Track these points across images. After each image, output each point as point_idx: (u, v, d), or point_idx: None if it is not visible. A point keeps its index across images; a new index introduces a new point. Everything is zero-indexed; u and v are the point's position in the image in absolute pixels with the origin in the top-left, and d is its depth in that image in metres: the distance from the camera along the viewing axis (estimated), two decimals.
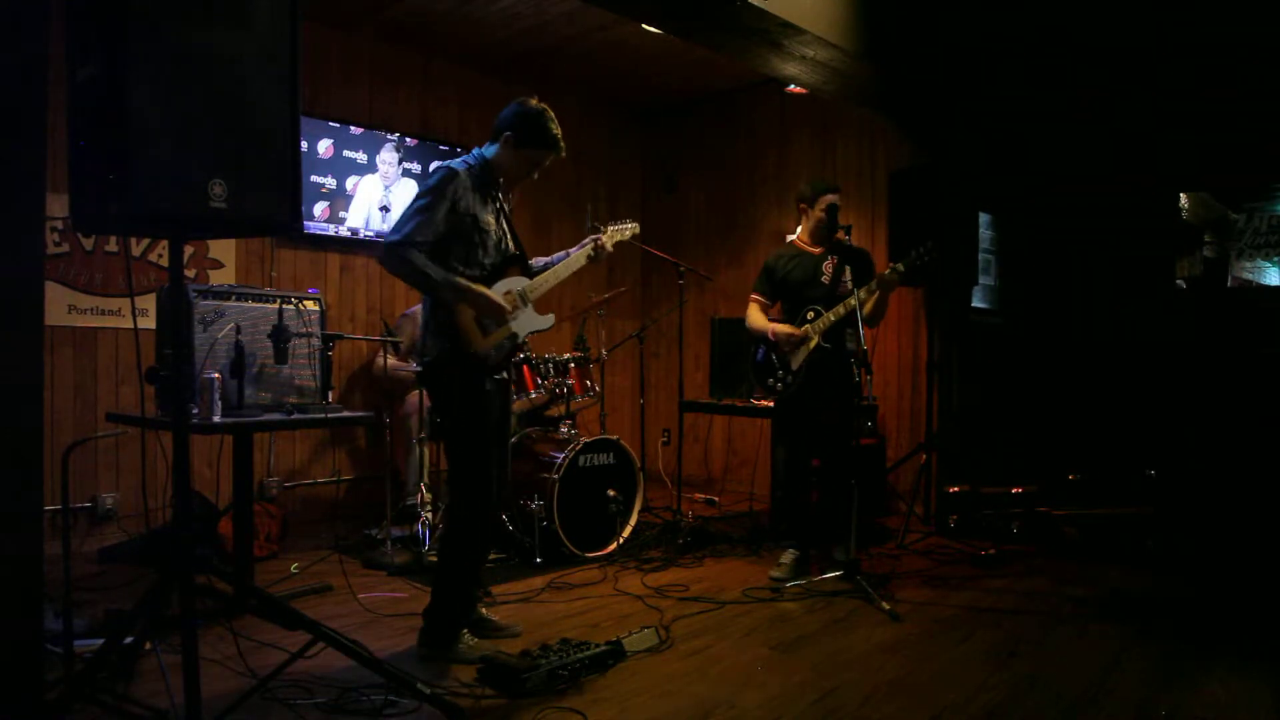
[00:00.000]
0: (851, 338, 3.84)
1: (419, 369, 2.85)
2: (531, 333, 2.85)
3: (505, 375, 2.87)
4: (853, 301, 3.63)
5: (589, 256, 3.06)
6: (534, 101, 2.80)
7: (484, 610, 3.03)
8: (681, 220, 6.72)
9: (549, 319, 2.90)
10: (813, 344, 3.79)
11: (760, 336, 3.95)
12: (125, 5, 1.73)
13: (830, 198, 3.88)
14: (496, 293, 2.73)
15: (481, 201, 2.74)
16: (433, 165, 5.33)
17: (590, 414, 5.65)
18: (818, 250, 3.93)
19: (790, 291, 3.95)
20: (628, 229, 3.27)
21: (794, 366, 3.83)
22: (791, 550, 3.87)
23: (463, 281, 2.65)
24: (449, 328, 2.67)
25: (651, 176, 6.96)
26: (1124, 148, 4.81)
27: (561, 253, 3.11)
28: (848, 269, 3.81)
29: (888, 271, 3.70)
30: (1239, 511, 4.26)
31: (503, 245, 2.83)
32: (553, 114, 2.79)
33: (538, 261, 3.04)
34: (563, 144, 2.81)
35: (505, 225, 2.86)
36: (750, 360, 4.06)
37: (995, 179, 5.08)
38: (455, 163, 2.74)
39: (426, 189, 2.66)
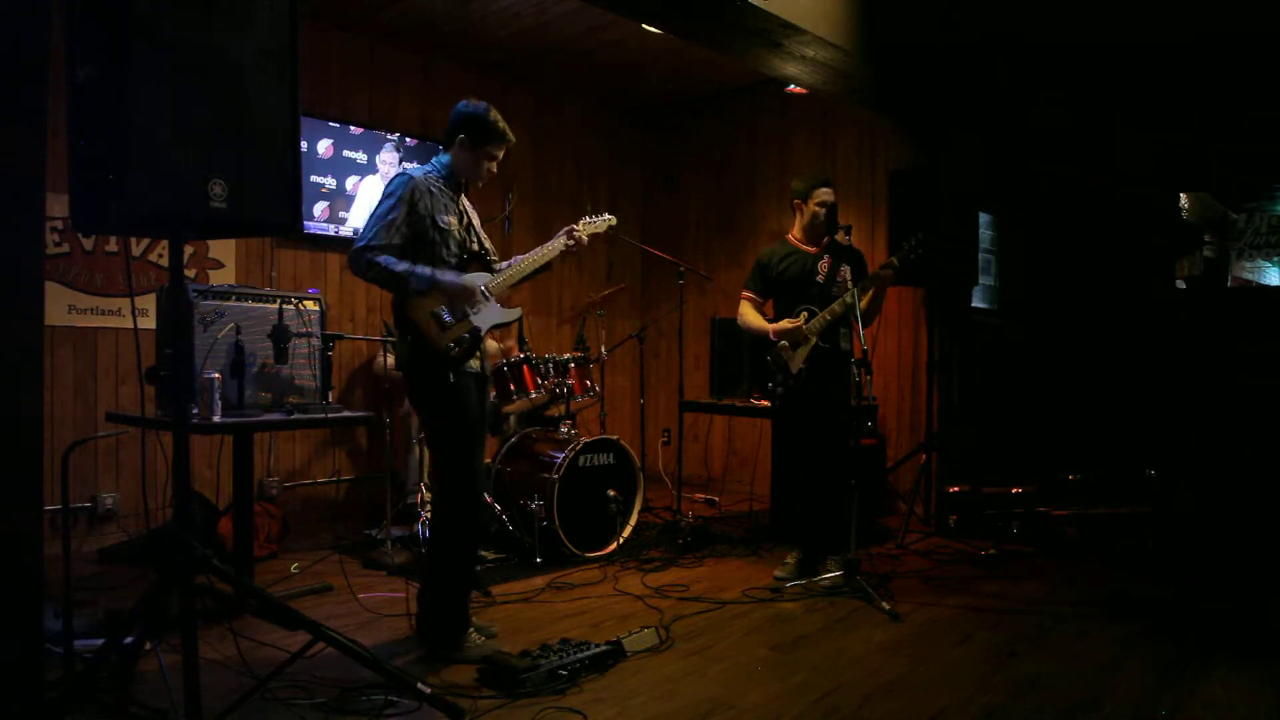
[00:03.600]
0: (846, 337, 3.85)
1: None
2: (495, 326, 2.89)
3: (479, 369, 2.87)
4: (848, 299, 3.64)
5: (565, 246, 3.05)
6: (473, 100, 2.90)
7: None
8: (681, 220, 6.71)
9: (514, 312, 2.97)
10: (811, 344, 3.78)
11: (756, 337, 3.93)
12: (125, 5, 1.73)
13: (823, 192, 3.87)
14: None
15: (443, 204, 2.83)
16: (386, 159, 5.34)
17: (590, 414, 5.65)
18: (812, 249, 3.92)
19: (784, 289, 3.93)
20: (604, 221, 3.21)
21: (794, 369, 3.80)
22: (797, 551, 3.87)
23: (428, 269, 2.73)
24: (409, 327, 2.75)
25: (651, 176, 6.95)
26: (1124, 147, 4.81)
27: (535, 249, 3.11)
28: (843, 268, 3.82)
29: (881, 267, 3.70)
30: (1238, 511, 4.26)
31: (465, 245, 2.90)
32: (494, 108, 2.89)
33: (513, 260, 3.07)
34: (510, 133, 2.91)
35: (469, 226, 2.94)
36: (749, 360, 4.04)
37: (995, 179, 5.08)
38: (413, 169, 2.85)
39: (385, 195, 2.77)
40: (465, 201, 2.95)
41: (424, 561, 2.88)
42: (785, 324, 3.81)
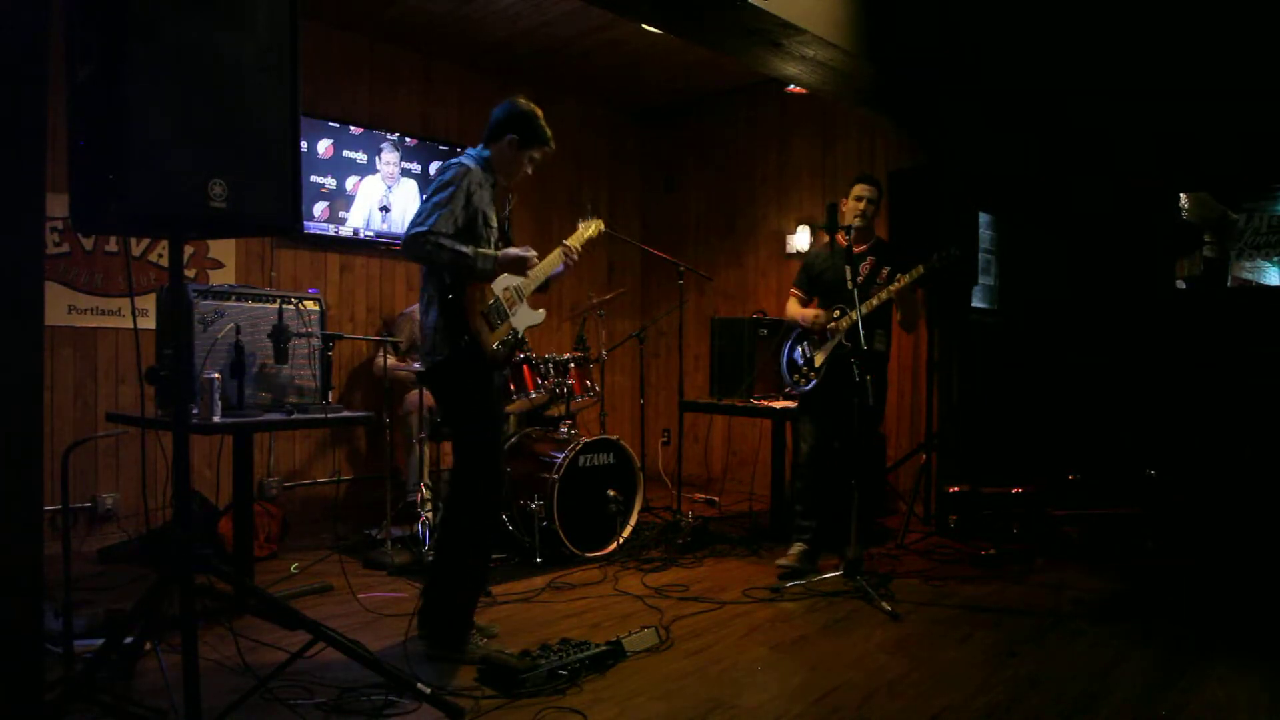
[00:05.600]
0: (881, 339, 3.89)
1: (422, 368, 2.87)
2: (528, 328, 2.95)
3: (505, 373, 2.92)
4: (874, 301, 3.70)
5: (564, 259, 3.13)
6: (523, 101, 2.90)
7: None
8: (681, 220, 6.71)
9: (541, 314, 3.02)
10: (834, 342, 3.87)
11: (794, 325, 4.05)
12: (125, 5, 1.73)
13: (858, 188, 3.92)
14: (497, 288, 2.84)
15: (489, 199, 2.83)
16: (441, 163, 5.34)
17: (590, 414, 5.65)
18: (857, 249, 3.93)
19: (826, 289, 4.01)
20: (591, 226, 3.31)
21: (817, 364, 3.92)
22: (800, 543, 3.90)
23: (490, 250, 2.74)
24: (462, 327, 2.72)
25: (651, 176, 6.95)
26: (1124, 147, 4.81)
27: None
28: (884, 270, 3.84)
29: (907, 276, 3.72)
30: (1239, 511, 4.26)
31: (503, 242, 2.91)
32: (540, 110, 2.91)
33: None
34: (552, 141, 2.95)
35: (505, 223, 2.96)
36: (776, 353, 4.16)
37: (995, 179, 5.08)
38: (465, 159, 2.81)
39: (444, 182, 2.73)
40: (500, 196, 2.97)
41: (435, 559, 2.86)
42: (811, 311, 3.95)
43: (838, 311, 3.87)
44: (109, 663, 2.24)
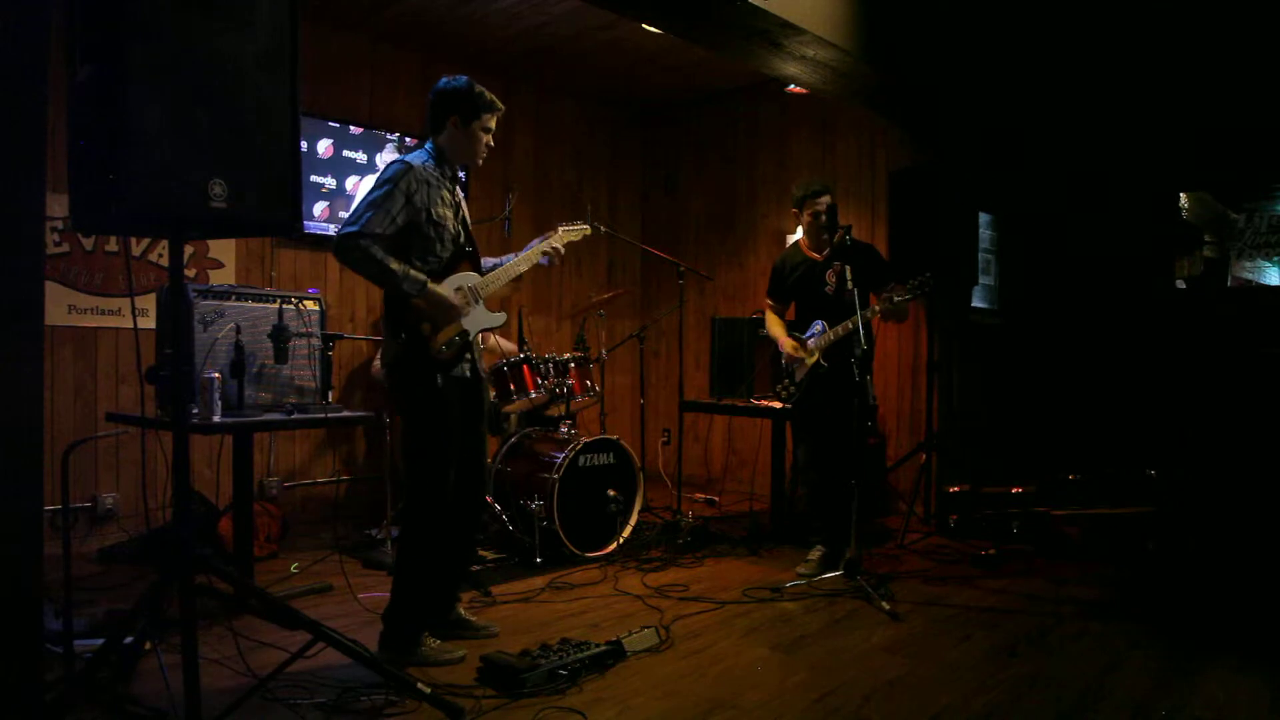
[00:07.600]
0: (859, 343, 3.89)
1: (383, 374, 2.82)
2: (482, 330, 2.86)
3: (467, 373, 2.79)
4: (849, 325, 3.69)
5: (543, 254, 3.07)
6: (448, 78, 2.81)
7: (462, 610, 3.01)
8: (681, 220, 6.71)
9: (500, 316, 2.93)
10: (811, 361, 3.89)
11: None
12: (125, 5, 1.73)
13: (815, 203, 3.92)
14: (448, 289, 2.72)
15: (438, 196, 2.73)
16: (387, 160, 5.30)
17: (590, 414, 5.65)
18: (819, 256, 3.96)
19: (797, 297, 4.05)
20: (579, 229, 3.26)
21: (797, 378, 3.96)
22: (820, 546, 3.92)
23: (422, 276, 2.64)
24: (404, 326, 2.66)
25: (651, 176, 6.95)
26: (1124, 147, 4.81)
27: (512, 254, 3.09)
28: (850, 274, 3.83)
29: (883, 301, 3.74)
30: (1239, 511, 4.26)
31: (458, 240, 2.82)
32: (473, 80, 2.82)
33: (488, 261, 3.04)
34: (497, 100, 2.84)
35: (461, 220, 2.86)
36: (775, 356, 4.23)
37: (995, 179, 5.08)
38: (410, 156, 2.72)
39: (381, 181, 2.64)
40: (459, 192, 2.87)
41: (395, 567, 2.83)
42: (787, 344, 3.98)
43: (818, 328, 3.91)
44: (109, 663, 2.23)
